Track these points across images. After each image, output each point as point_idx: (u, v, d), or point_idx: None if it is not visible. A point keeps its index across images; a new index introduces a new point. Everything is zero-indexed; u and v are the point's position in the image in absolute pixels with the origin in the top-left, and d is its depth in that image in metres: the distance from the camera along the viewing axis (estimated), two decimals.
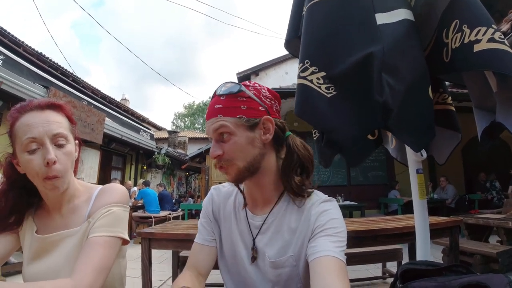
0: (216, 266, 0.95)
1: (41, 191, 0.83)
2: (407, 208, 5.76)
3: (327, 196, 0.87)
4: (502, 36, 0.90)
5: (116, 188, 0.90)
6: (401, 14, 1.08)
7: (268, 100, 0.83)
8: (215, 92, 0.81)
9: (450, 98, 1.35)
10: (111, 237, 0.80)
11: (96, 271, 0.72)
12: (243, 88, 0.79)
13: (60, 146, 0.79)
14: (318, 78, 1.12)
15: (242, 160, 0.78)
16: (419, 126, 1.10)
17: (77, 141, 0.89)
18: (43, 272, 0.82)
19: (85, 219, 0.85)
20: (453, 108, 1.33)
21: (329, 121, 1.13)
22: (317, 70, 1.13)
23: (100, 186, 0.93)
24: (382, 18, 1.10)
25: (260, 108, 0.80)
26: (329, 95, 1.11)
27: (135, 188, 8.15)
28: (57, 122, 0.80)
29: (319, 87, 1.12)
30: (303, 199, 0.84)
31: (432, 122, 1.09)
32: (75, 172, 0.91)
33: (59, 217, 0.87)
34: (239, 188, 0.92)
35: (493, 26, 0.92)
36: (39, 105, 0.80)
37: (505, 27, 4.08)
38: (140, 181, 8.59)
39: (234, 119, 0.76)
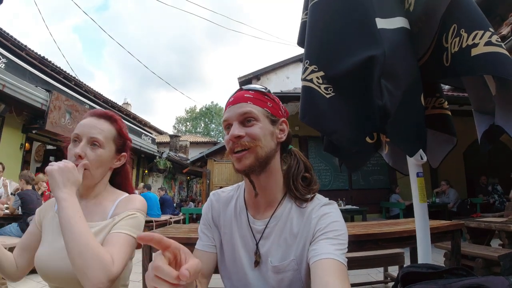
0: (216, 271, 0.95)
1: None
2: (409, 212, 5.74)
3: (327, 199, 0.88)
4: (499, 39, 0.90)
5: (139, 199, 1.03)
6: (398, 22, 1.09)
7: (283, 109, 0.92)
8: (240, 88, 0.89)
9: (446, 102, 1.36)
10: (133, 237, 0.89)
11: (124, 262, 0.83)
12: (270, 91, 0.90)
13: (93, 146, 0.95)
14: (317, 78, 1.13)
15: (262, 146, 0.80)
16: (413, 132, 1.10)
17: (124, 153, 1.04)
18: (54, 252, 0.88)
19: (108, 217, 0.95)
20: (449, 113, 1.34)
21: (330, 122, 1.14)
22: (316, 69, 1.14)
23: (126, 194, 1.05)
24: (381, 23, 1.10)
25: (279, 111, 0.89)
26: (328, 96, 1.12)
27: (136, 192, 8.12)
28: (101, 129, 0.97)
29: (319, 87, 1.13)
30: (305, 202, 0.85)
31: (423, 128, 1.10)
32: (129, 186, 1.11)
33: (84, 207, 0.95)
34: (249, 180, 0.85)
35: (490, 29, 0.92)
36: (97, 114, 1.01)
37: (505, 30, 4.09)
38: (141, 184, 8.57)
39: (262, 109, 0.84)
